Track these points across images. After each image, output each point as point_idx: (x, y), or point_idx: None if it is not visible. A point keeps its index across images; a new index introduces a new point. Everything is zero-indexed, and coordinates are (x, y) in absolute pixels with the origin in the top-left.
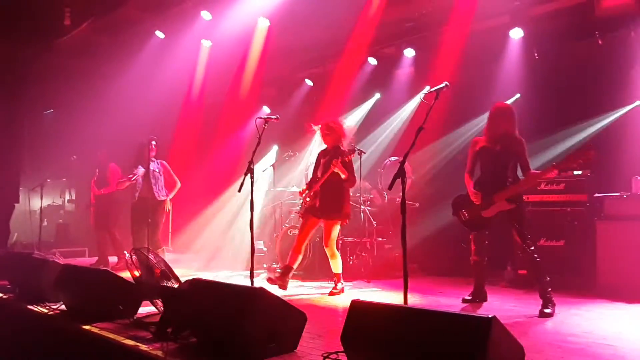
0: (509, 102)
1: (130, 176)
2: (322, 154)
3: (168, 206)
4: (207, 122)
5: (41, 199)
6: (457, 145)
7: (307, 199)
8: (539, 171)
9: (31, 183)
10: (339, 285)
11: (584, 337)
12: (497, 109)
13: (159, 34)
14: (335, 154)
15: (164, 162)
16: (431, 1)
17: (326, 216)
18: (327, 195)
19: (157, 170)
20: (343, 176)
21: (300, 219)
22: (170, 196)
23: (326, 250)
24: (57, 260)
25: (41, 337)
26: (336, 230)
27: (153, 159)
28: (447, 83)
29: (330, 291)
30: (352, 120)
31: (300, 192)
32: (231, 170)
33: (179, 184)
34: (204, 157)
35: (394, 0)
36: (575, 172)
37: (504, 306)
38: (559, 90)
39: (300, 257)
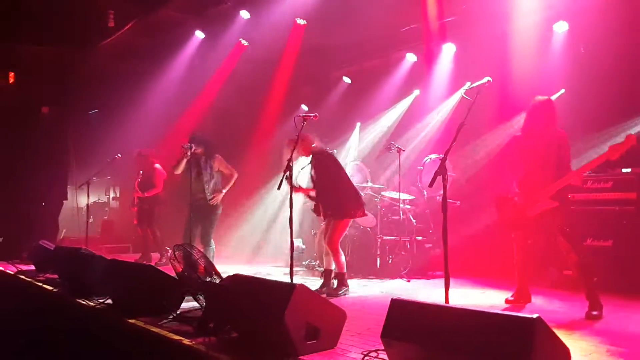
0: (553, 97)
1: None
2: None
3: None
4: (247, 120)
5: (87, 196)
6: (500, 142)
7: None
8: (576, 171)
9: (78, 181)
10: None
11: (634, 340)
12: (534, 103)
13: (199, 34)
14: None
15: (218, 156)
16: None
17: (330, 216)
18: (323, 199)
19: (208, 169)
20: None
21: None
22: (225, 190)
23: (327, 246)
24: (103, 255)
25: (88, 329)
26: (339, 229)
27: (202, 157)
28: (489, 78)
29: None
30: (390, 117)
31: (313, 210)
32: (270, 168)
33: (234, 176)
34: (244, 155)
35: None
36: (624, 170)
37: (548, 307)
38: (605, 86)
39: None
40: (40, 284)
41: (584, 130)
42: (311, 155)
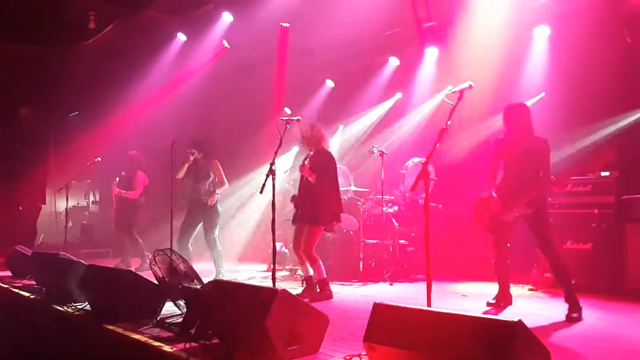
0: (533, 100)
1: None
2: (305, 159)
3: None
4: (230, 123)
5: (66, 200)
6: (481, 146)
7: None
8: (555, 180)
9: (57, 184)
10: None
11: (612, 342)
12: (508, 109)
13: (181, 36)
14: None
15: (215, 160)
16: None
17: (306, 221)
18: (304, 200)
19: (205, 172)
20: (311, 179)
21: (293, 225)
22: (218, 191)
23: (303, 255)
24: (82, 260)
25: (66, 336)
26: (315, 235)
27: (200, 161)
28: (471, 83)
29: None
30: (373, 120)
31: (291, 199)
32: (253, 171)
33: (225, 184)
34: (226, 158)
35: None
36: (603, 173)
37: (529, 310)
38: (585, 89)
39: (308, 265)
40: (17, 291)
41: (561, 132)
42: (317, 151)
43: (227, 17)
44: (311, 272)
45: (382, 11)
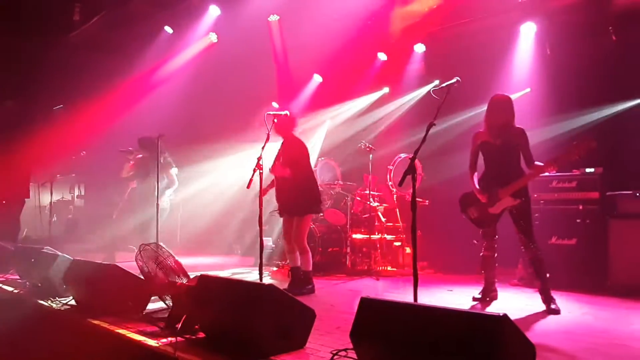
0: (519, 95)
1: None
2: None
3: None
4: (218, 118)
5: (51, 194)
6: (468, 141)
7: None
8: (541, 164)
9: (41, 178)
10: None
11: (596, 336)
12: (494, 101)
13: (168, 29)
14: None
15: (164, 160)
16: None
17: (294, 213)
18: (285, 192)
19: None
20: (286, 175)
21: (281, 217)
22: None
23: (295, 245)
24: (66, 255)
25: (51, 331)
26: (305, 225)
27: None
28: (458, 78)
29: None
30: (360, 115)
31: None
32: (241, 165)
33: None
34: (214, 153)
35: None
36: (587, 170)
37: (515, 304)
38: (570, 86)
39: (298, 255)
40: (0, 285)
41: (546, 126)
42: (288, 139)
43: (214, 11)
44: (299, 262)
45: (370, 6)
